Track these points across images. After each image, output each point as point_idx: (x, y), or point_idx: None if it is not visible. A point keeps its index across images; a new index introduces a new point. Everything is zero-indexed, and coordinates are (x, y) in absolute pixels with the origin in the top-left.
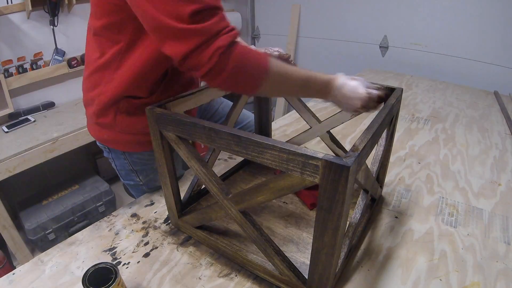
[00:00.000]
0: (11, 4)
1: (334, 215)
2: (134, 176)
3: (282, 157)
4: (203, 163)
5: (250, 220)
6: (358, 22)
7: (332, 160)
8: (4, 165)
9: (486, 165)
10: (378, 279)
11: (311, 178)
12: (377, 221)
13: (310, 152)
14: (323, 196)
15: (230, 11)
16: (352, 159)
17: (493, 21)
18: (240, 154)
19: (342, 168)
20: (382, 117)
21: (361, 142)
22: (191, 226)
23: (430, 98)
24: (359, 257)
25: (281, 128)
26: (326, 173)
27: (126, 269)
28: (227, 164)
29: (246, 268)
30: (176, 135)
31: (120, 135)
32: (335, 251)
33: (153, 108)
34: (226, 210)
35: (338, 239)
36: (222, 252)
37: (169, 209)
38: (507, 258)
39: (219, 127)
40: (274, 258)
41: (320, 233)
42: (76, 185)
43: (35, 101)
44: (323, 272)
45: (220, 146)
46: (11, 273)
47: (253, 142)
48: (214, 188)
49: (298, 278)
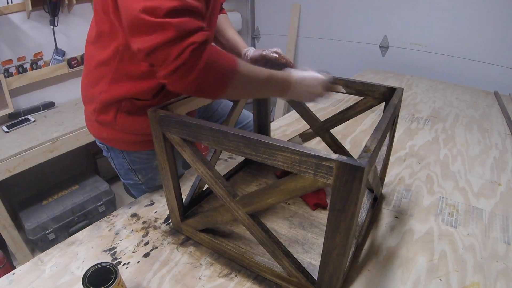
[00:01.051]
0: (11, 4)
1: (347, 215)
2: (133, 175)
3: (294, 159)
4: (209, 166)
5: (258, 222)
6: (358, 22)
7: (346, 161)
8: (4, 165)
9: (486, 165)
10: (378, 279)
11: (324, 180)
12: (377, 221)
13: (323, 154)
14: (336, 197)
15: (230, 11)
16: (366, 160)
17: (493, 21)
18: (249, 156)
19: (356, 169)
20: (388, 117)
21: (372, 142)
22: (194, 229)
23: (430, 98)
24: (360, 257)
25: (281, 128)
26: (340, 174)
27: (126, 269)
28: (227, 164)
29: (253, 270)
30: (180, 137)
31: (120, 134)
32: (346, 251)
33: (155, 110)
34: (233, 213)
35: (350, 239)
36: (228, 255)
37: (171, 212)
38: (507, 258)
39: (227, 129)
40: (283, 260)
41: (332, 233)
42: (76, 185)
43: (35, 101)
44: (333, 272)
45: (228, 148)
46: (11, 273)
47: (264, 144)
48: (221, 191)
49: (307, 279)
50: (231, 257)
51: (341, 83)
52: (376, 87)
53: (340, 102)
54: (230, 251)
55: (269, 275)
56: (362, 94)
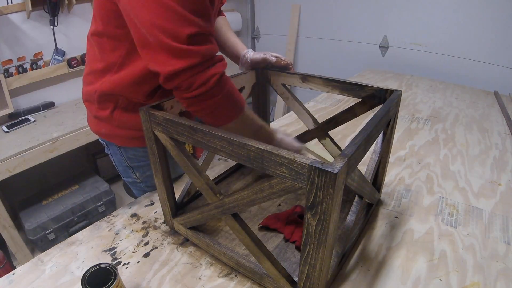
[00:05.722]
0: (11, 4)
1: (321, 222)
2: (131, 173)
3: (270, 161)
4: (194, 164)
5: (241, 223)
6: (358, 22)
7: (318, 166)
8: (4, 165)
9: (486, 165)
10: (378, 279)
11: (299, 184)
12: (377, 221)
13: (298, 158)
14: (311, 202)
15: (230, 11)
16: (341, 165)
17: (493, 21)
18: (233, 158)
19: (328, 174)
20: (377, 119)
21: (351, 146)
22: (183, 227)
23: (430, 98)
24: (359, 257)
25: (281, 128)
26: (312, 179)
27: (126, 269)
28: (227, 164)
29: (240, 272)
30: (167, 136)
31: (117, 130)
32: (324, 259)
33: (146, 108)
34: (217, 212)
35: (327, 246)
36: (215, 256)
37: (163, 210)
38: (507, 258)
39: (207, 129)
40: (266, 262)
41: (308, 240)
42: (76, 185)
43: (35, 101)
44: (313, 280)
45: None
46: (11, 273)
47: (243, 145)
48: (205, 189)
49: (290, 283)
50: (219, 258)
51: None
52: (373, 88)
53: (340, 102)
54: (214, 252)
55: (252, 276)
56: (359, 97)
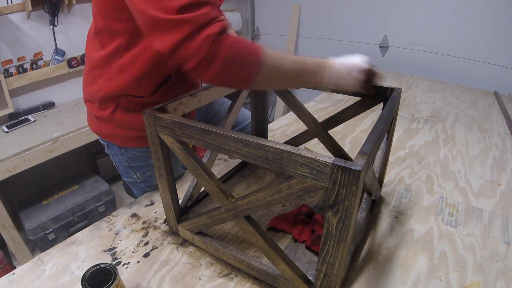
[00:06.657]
0: (11, 4)
1: (342, 219)
2: (131, 173)
3: (290, 161)
4: (203, 166)
5: (254, 225)
6: (358, 22)
7: (342, 165)
8: (4, 165)
9: (486, 165)
10: (378, 279)
11: (321, 183)
12: (377, 221)
13: (320, 156)
14: (333, 200)
15: (230, 11)
16: (363, 163)
17: (493, 21)
18: (246, 159)
19: (352, 172)
20: (386, 117)
21: (368, 144)
22: (189, 232)
23: (430, 98)
24: (360, 257)
25: (281, 128)
26: (335, 178)
27: (126, 269)
28: (227, 164)
29: (250, 274)
30: (174, 139)
31: (118, 130)
32: (343, 257)
33: (150, 111)
34: (228, 216)
35: (347, 244)
36: (225, 260)
37: (167, 215)
38: (507, 258)
39: (218, 130)
40: (281, 264)
41: (328, 238)
42: (76, 185)
43: (35, 101)
44: (330, 277)
45: (221, 150)
46: (11, 273)
47: (258, 145)
48: (215, 193)
49: (306, 282)
50: (228, 262)
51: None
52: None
53: (340, 102)
54: (223, 256)
55: (264, 278)
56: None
